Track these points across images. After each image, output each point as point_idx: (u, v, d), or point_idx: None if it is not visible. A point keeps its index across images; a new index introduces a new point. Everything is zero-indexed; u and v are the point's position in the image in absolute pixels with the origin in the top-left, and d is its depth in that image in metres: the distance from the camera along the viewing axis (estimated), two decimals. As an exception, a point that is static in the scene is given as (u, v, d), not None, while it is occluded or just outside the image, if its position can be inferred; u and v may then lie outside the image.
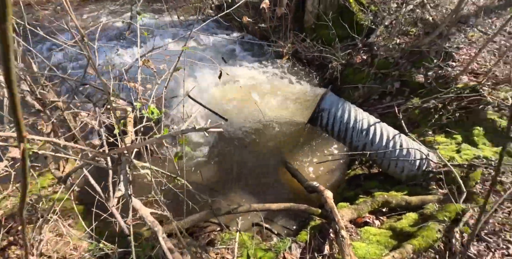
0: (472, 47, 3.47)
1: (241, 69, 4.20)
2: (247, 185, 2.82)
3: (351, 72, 3.88)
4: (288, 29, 4.68)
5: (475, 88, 2.88)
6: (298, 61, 4.47)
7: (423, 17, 4.12)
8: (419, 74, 3.33)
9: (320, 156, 3.08)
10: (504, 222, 1.91)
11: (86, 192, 2.16)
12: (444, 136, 2.70)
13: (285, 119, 3.35)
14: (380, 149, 2.51)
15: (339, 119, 2.70)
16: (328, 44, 4.23)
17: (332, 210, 2.11)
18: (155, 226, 1.13)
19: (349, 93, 3.73)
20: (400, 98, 3.31)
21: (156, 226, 1.13)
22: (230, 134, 3.31)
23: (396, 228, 2.05)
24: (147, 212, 1.17)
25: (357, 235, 2.05)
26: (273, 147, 3.21)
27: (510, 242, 1.82)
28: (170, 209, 1.69)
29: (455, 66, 3.23)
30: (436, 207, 2.11)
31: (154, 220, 1.15)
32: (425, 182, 2.37)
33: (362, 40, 4.08)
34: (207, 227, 2.27)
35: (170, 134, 0.94)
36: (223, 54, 4.55)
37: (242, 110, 3.42)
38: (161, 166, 1.77)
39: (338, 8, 4.43)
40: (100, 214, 1.66)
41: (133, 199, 1.17)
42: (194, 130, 0.86)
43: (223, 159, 3.09)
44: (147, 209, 1.19)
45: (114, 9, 6.16)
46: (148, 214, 1.17)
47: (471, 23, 3.91)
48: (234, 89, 3.63)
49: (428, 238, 1.86)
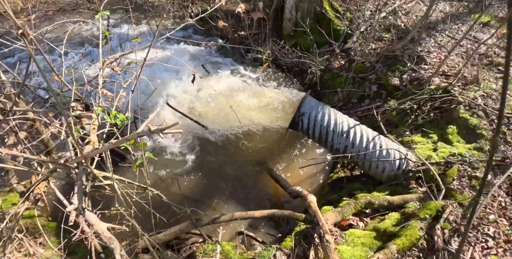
0: (441, 51, 3.65)
1: (221, 77, 4.20)
2: (230, 193, 2.77)
3: (330, 77, 3.97)
4: (267, 37, 4.76)
5: (446, 89, 3.01)
6: (278, 68, 4.53)
7: (396, 23, 4.32)
8: (394, 77, 3.45)
9: (302, 161, 3.09)
10: (482, 216, 1.96)
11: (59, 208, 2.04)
12: (420, 136, 2.79)
13: (267, 125, 3.35)
14: (361, 151, 2.55)
15: (320, 123, 2.72)
16: (306, 50, 4.33)
17: (316, 214, 2.09)
18: (112, 242, 1.02)
19: (329, 97, 3.80)
20: (378, 100, 3.40)
21: (112, 243, 1.02)
22: (210, 141, 3.26)
23: (380, 229, 2.06)
24: (104, 227, 1.07)
25: (342, 238, 2.04)
26: (255, 153, 3.19)
27: (488, 235, 1.86)
28: (147, 222, 1.62)
29: (427, 69, 3.38)
30: (417, 205, 2.14)
31: (111, 236, 1.04)
32: (405, 181, 2.42)
33: (340, 46, 4.21)
34: (188, 239, 2.19)
35: (126, 138, 0.89)
36: (203, 62, 4.55)
37: (223, 118, 3.39)
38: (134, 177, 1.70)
39: (315, 16, 4.57)
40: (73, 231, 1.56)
41: (87, 213, 1.08)
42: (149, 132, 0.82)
43: (203, 167, 3.03)
44: (104, 223, 1.09)
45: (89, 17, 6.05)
46: (104, 229, 1.06)
47: (439, 28, 4.14)
48: (214, 97, 3.61)
49: (411, 237, 1.87)
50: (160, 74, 4.02)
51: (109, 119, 1.00)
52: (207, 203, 2.64)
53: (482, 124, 2.59)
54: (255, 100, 3.68)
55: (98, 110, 1.15)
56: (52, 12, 6.18)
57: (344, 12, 4.77)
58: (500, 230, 1.89)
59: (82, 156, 0.94)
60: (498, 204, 2.04)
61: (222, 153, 3.19)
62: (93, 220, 1.09)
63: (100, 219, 1.22)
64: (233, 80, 4.17)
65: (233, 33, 5.17)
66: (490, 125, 2.59)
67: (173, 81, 3.97)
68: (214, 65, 4.56)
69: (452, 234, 1.87)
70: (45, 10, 6.08)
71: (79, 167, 1.08)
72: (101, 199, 1.61)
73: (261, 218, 2.24)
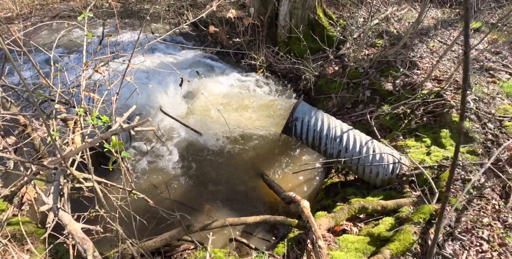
0: (433, 56, 3.73)
1: (215, 83, 4.25)
2: (223, 199, 2.76)
3: (324, 83, 4.02)
4: (262, 43, 4.85)
5: (439, 94, 3.06)
6: (273, 74, 4.60)
7: (388, 30, 4.42)
8: (387, 82, 3.51)
9: (296, 166, 3.10)
10: (476, 220, 1.97)
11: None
12: (414, 140, 2.82)
13: (260, 130, 3.37)
14: (354, 155, 2.56)
15: (313, 127, 2.75)
16: (300, 56, 4.40)
17: (309, 219, 2.09)
18: (85, 243, 1.01)
19: (323, 103, 3.84)
20: (372, 105, 3.45)
21: (86, 244, 1.01)
22: (204, 147, 3.27)
23: (373, 234, 2.06)
24: (78, 228, 1.06)
25: (336, 244, 2.03)
26: (249, 159, 3.20)
27: (483, 239, 1.86)
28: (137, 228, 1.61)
29: (420, 73, 3.44)
30: (411, 209, 2.15)
31: (84, 237, 1.03)
32: (399, 185, 2.43)
33: (333, 52, 4.29)
34: (179, 246, 2.17)
35: (101, 137, 0.90)
36: (197, 67, 4.61)
37: (217, 123, 3.41)
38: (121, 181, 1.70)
39: (309, 23, 4.67)
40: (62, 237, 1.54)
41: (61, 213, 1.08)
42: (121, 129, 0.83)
43: (196, 173, 3.03)
44: (79, 224, 1.08)
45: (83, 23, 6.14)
46: (78, 229, 1.05)
47: (431, 34, 4.23)
48: (208, 102, 3.64)
49: (405, 241, 1.87)
50: (153, 80, 4.06)
51: (91, 120, 1.01)
52: (199, 209, 2.63)
53: (475, 128, 2.62)
54: (249, 106, 3.71)
55: (80, 111, 1.16)
56: (48, 18, 6.26)
57: (338, 19, 4.89)
58: (495, 233, 1.89)
59: (62, 156, 0.95)
60: (492, 206, 2.05)
61: (216, 158, 3.20)
62: (67, 220, 1.08)
63: (86, 223, 1.21)
64: (227, 86, 4.22)
65: (228, 40, 5.26)
66: (482, 128, 2.63)
67: (167, 88, 4.01)
68: (209, 71, 4.62)
69: (446, 238, 1.87)
70: (41, 16, 6.17)
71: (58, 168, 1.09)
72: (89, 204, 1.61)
73: (254, 224, 2.23)
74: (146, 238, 1.99)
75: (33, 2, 6.52)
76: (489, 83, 3.18)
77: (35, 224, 2.36)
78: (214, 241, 2.11)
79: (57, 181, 1.10)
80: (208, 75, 4.49)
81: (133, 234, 1.39)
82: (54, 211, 1.08)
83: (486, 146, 2.47)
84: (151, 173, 2.98)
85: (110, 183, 1.29)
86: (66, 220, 1.09)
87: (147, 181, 2.90)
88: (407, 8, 5.13)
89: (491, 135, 2.54)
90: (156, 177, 2.93)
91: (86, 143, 0.95)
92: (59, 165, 1.07)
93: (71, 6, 6.65)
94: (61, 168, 1.09)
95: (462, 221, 1.96)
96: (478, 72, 3.32)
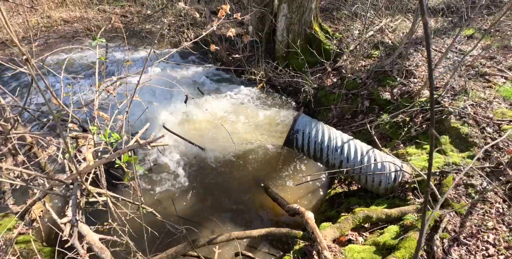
0: (429, 64, 3.87)
1: (217, 99, 4.42)
2: (228, 213, 2.83)
3: (323, 95, 4.17)
4: (261, 59, 5.07)
5: (436, 101, 3.18)
6: (273, 88, 4.77)
7: (383, 40, 4.61)
8: (385, 92, 3.64)
9: (299, 178, 3.17)
10: (480, 224, 2.01)
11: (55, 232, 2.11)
12: (415, 147, 2.90)
13: (262, 144, 3.48)
14: (356, 165, 2.65)
15: (314, 139, 2.85)
16: (299, 70, 4.59)
17: (314, 230, 2.16)
18: (103, 252, 1.13)
19: (323, 114, 3.97)
20: (371, 115, 3.56)
21: (104, 253, 1.13)
22: (208, 161, 3.38)
23: (379, 243, 2.10)
24: (96, 238, 1.17)
25: (342, 255, 2.08)
26: (252, 172, 3.29)
27: (489, 242, 1.90)
28: (143, 242, 1.69)
29: (417, 82, 3.58)
30: (415, 216, 2.20)
31: (102, 246, 1.15)
32: (402, 193, 2.49)
33: (331, 65, 4.47)
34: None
35: (117, 152, 1.02)
36: (199, 85, 4.81)
37: (220, 138, 3.54)
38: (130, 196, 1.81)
39: (306, 37, 4.90)
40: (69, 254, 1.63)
41: (80, 224, 1.19)
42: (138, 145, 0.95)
43: (201, 187, 3.11)
44: (97, 235, 1.20)
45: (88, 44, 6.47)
46: (96, 240, 1.17)
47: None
48: (210, 118, 3.79)
49: (411, 248, 1.91)
50: (157, 98, 4.25)
51: (104, 138, 1.13)
52: (204, 223, 2.70)
53: (474, 133, 2.71)
54: (250, 120, 3.85)
55: (94, 129, 1.29)
56: (53, 40, 6.61)
57: (334, 32, 5.12)
58: (500, 237, 1.93)
59: (78, 172, 1.07)
60: (496, 210, 2.10)
61: (220, 172, 3.29)
62: (86, 231, 1.19)
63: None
64: (228, 101, 4.38)
65: (228, 56, 5.50)
66: (481, 133, 2.71)
67: (170, 104, 4.18)
68: (210, 87, 4.82)
69: (451, 244, 1.91)
70: (46, 38, 6.53)
71: (74, 183, 1.20)
72: (99, 219, 1.70)
73: (259, 237, 2.29)
74: (152, 254, 2.06)
75: (38, 25, 6.91)
76: (485, 88, 3.29)
77: (41, 242, 2.45)
78: (220, 255, 2.17)
79: (74, 195, 1.21)
80: (209, 91, 4.68)
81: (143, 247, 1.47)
82: (73, 223, 1.18)
83: (486, 150, 2.55)
84: (155, 188, 3.08)
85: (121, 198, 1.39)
86: (84, 231, 1.19)
87: (151, 196, 2.99)
88: (401, 18, 5.36)
89: (490, 139, 2.62)
90: (160, 192, 3.03)
91: (103, 159, 1.07)
92: (75, 180, 1.18)
93: (74, 28, 7.04)
94: (77, 183, 1.20)
95: (466, 225, 2.01)
96: (474, 78, 3.44)
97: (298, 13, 4.54)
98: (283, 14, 4.69)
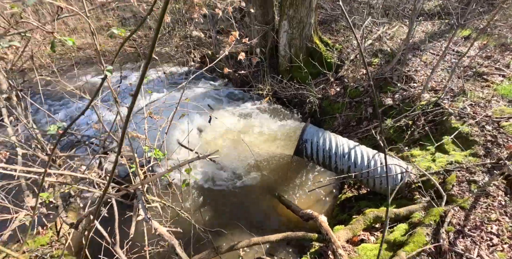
0: (428, 68, 4.11)
1: (227, 114, 4.74)
2: (245, 221, 3.06)
3: (328, 104, 4.43)
4: (265, 73, 5.41)
5: (437, 103, 3.39)
6: (279, 100, 5.07)
7: (382, 48, 4.89)
8: (387, 97, 3.88)
9: (310, 185, 3.40)
10: (483, 217, 2.18)
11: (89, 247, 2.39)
12: (419, 149, 3.10)
13: (273, 154, 3.74)
14: (363, 169, 2.86)
15: (322, 147, 3.10)
16: (303, 82, 4.89)
17: (328, 232, 2.37)
18: (172, 240, 1.46)
19: (329, 123, 4.22)
20: (375, 121, 3.78)
21: (173, 240, 1.46)
22: (221, 174, 3.65)
23: (390, 240, 2.29)
24: (164, 230, 1.49)
25: (355, 253, 2.27)
26: (265, 182, 3.53)
27: (492, 233, 2.07)
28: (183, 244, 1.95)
29: (417, 86, 3.80)
30: (422, 214, 2.38)
31: (170, 236, 1.48)
32: (409, 193, 2.68)
33: (333, 75, 4.76)
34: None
35: (179, 164, 1.31)
36: (209, 100, 5.17)
37: (233, 151, 3.82)
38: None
39: (307, 50, 5.23)
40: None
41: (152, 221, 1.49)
42: (198, 158, 1.24)
43: (216, 198, 3.37)
44: (164, 227, 1.51)
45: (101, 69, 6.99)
46: (165, 231, 1.49)
47: (423, 48, 4.66)
48: (223, 132, 4.09)
49: (419, 243, 2.10)
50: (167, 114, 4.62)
51: (154, 154, 1.43)
52: (221, 232, 2.93)
53: (474, 131, 2.90)
54: (260, 133, 4.13)
55: (146, 149, 1.61)
56: (68, 66, 7.17)
57: (334, 43, 5.44)
58: (503, 227, 2.09)
59: (141, 182, 1.36)
60: (498, 203, 2.26)
61: (234, 183, 3.55)
62: (157, 225, 1.50)
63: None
64: (237, 115, 4.70)
65: (234, 73, 5.89)
66: (481, 131, 2.90)
67: (182, 121, 4.53)
68: (219, 103, 5.17)
69: (456, 236, 2.09)
70: (62, 65, 7.09)
71: (137, 191, 1.51)
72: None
73: (277, 242, 2.50)
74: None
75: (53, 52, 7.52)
76: (483, 88, 3.49)
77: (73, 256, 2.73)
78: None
79: (140, 200, 1.54)
80: (219, 106, 5.03)
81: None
82: (146, 220, 1.49)
83: (486, 147, 2.73)
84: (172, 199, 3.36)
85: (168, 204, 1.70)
86: (155, 225, 1.51)
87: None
88: (398, 25, 5.65)
89: (490, 136, 2.80)
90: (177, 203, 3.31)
91: (165, 170, 1.37)
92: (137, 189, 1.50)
93: (87, 54, 7.62)
94: (140, 191, 1.52)
95: (470, 219, 2.19)
96: (472, 79, 3.65)
97: (299, 28, 4.89)
98: (284, 30, 5.05)
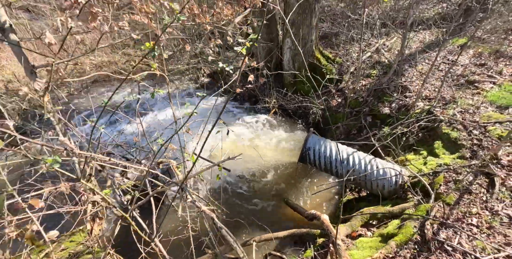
0: (422, 78, 4.52)
1: (236, 126, 5.24)
2: (254, 222, 3.47)
3: (330, 114, 4.87)
4: (271, 87, 5.92)
5: (430, 111, 3.79)
6: (284, 112, 5.55)
7: (380, 60, 5.34)
8: (384, 107, 4.29)
9: (314, 188, 3.80)
10: (465, 211, 2.54)
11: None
12: (413, 154, 3.48)
13: (279, 162, 4.17)
14: (361, 173, 3.26)
15: (323, 154, 3.52)
16: (306, 94, 5.37)
17: (329, 227, 2.76)
18: (211, 213, 1.99)
19: (332, 132, 4.64)
20: (374, 129, 4.19)
21: (211, 214, 1.99)
22: (231, 181, 4.10)
23: (384, 234, 2.66)
24: (205, 207, 2.02)
25: (353, 245, 2.65)
26: (273, 187, 3.95)
27: (472, 224, 2.42)
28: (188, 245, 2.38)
29: (412, 95, 4.21)
30: (412, 210, 2.75)
31: (209, 212, 2.00)
32: (403, 193, 3.05)
33: (335, 87, 5.22)
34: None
35: (215, 164, 1.78)
36: (217, 113, 5.69)
37: (244, 159, 4.27)
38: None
39: (310, 64, 5.74)
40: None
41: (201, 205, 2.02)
42: (228, 159, 1.72)
43: (227, 202, 3.80)
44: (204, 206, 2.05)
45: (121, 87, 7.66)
46: (205, 208, 2.02)
47: (418, 58, 5.09)
48: (234, 142, 4.56)
49: (407, 234, 2.47)
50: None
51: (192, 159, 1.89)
52: (235, 231, 3.35)
53: (462, 136, 3.27)
54: (267, 142, 4.59)
55: (186, 155, 2.11)
56: (87, 84, 7.86)
57: (334, 57, 5.93)
58: (483, 219, 2.44)
59: (186, 178, 1.84)
60: (479, 199, 2.61)
61: (246, 189, 3.98)
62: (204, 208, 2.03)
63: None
64: (245, 127, 5.18)
65: (242, 87, 6.44)
66: (468, 135, 3.27)
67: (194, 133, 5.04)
68: (229, 116, 5.69)
69: (440, 227, 2.45)
70: (81, 83, 7.77)
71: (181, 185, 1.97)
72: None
73: (284, 238, 2.91)
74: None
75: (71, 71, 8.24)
76: (474, 95, 3.87)
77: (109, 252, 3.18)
78: (252, 256, 2.79)
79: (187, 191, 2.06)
80: (228, 119, 5.53)
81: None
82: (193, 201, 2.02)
83: (472, 149, 3.10)
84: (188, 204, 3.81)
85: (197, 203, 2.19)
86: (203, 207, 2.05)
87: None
88: (396, 37, 6.11)
89: (476, 140, 3.17)
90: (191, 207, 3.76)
91: (207, 167, 1.85)
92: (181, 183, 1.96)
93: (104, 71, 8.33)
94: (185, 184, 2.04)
95: (453, 213, 2.54)
96: (463, 87, 4.04)
97: (301, 44, 5.42)
98: (287, 46, 5.59)
